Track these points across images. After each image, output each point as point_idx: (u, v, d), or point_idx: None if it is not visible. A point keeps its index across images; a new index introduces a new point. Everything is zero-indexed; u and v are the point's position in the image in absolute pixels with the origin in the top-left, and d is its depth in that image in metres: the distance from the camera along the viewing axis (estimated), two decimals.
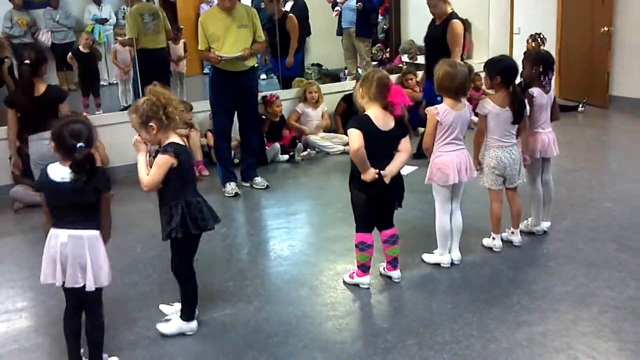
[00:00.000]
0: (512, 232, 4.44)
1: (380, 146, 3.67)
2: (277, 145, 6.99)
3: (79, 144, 2.88)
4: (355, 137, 3.62)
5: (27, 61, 4.90)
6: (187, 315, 3.50)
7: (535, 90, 4.34)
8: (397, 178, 3.80)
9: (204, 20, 5.70)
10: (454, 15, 6.22)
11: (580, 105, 8.58)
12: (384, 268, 4.05)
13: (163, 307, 3.74)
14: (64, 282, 2.98)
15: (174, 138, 3.28)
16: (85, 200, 2.95)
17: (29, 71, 4.89)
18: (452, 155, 4.00)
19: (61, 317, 3.13)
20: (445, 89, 3.98)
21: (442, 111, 3.95)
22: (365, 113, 3.69)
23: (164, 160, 3.19)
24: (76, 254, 2.93)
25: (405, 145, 3.78)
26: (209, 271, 4.23)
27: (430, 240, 4.27)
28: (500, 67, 4.19)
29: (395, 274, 4.00)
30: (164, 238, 3.33)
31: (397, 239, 3.95)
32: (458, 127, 3.98)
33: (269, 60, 9.52)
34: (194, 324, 3.52)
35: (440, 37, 6.21)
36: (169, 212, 3.27)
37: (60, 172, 2.93)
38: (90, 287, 2.97)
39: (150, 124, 3.20)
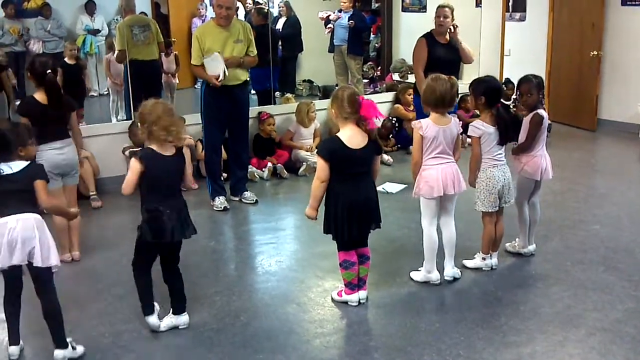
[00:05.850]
0: (490, 256, 4.41)
1: (352, 164, 3.69)
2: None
3: None
4: (319, 169, 3.71)
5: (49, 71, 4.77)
6: (143, 310, 3.66)
7: (543, 113, 4.37)
8: (373, 200, 3.82)
9: (200, 34, 5.60)
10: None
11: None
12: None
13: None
14: (11, 266, 3.15)
15: (154, 145, 3.45)
16: (22, 188, 3.22)
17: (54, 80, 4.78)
18: (438, 168, 4.01)
19: None
20: (427, 102, 4.04)
21: (425, 125, 3.98)
22: (336, 134, 3.73)
23: (132, 164, 3.43)
24: (26, 235, 3.15)
25: (375, 166, 3.84)
26: (197, 285, 4.19)
27: (419, 258, 4.25)
28: (484, 88, 4.21)
29: (362, 294, 3.95)
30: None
31: (367, 259, 3.93)
32: (443, 141, 3.99)
33: None
34: (150, 319, 3.64)
35: (458, 55, 5.98)
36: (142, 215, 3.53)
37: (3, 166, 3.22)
38: (38, 262, 3.16)
39: (140, 127, 3.52)
